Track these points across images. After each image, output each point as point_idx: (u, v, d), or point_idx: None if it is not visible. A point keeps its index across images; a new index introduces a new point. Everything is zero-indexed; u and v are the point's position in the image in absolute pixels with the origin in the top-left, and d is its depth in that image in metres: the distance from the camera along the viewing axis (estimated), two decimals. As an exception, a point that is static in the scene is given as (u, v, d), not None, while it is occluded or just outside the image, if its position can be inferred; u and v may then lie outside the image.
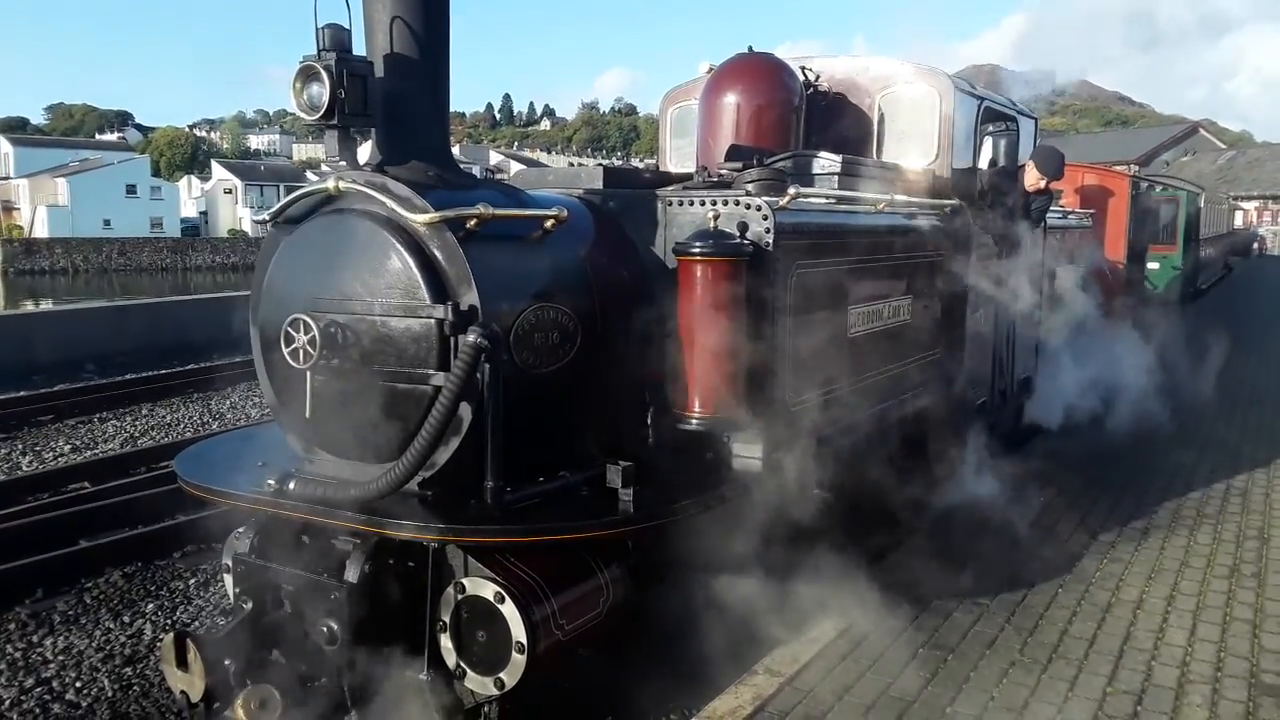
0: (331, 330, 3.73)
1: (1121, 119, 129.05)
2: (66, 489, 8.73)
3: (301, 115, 3.73)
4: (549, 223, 3.94)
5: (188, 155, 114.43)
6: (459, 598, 3.61)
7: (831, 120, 6.40)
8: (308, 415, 3.82)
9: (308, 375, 3.76)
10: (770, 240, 4.20)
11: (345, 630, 3.65)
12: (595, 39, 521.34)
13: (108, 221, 66.51)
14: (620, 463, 3.75)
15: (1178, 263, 17.47)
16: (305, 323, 3.69)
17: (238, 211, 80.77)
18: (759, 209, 4.23)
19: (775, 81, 5.83)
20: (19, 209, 70.13)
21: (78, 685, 5.35)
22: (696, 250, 4.03)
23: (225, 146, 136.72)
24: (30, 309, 30.03)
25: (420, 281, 3.63)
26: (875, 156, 6.38)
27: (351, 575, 3.67)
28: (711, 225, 4.12)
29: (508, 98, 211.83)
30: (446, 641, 3.66)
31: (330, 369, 3.76)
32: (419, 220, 3.62)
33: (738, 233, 4.15)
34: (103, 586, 6.65)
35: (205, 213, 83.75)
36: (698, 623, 4.20)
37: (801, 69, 6.25)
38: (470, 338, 3.41)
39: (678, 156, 6.88)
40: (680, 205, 4.41)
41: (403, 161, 3.85)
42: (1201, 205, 20.99)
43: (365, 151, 3.92)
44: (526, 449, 3.73)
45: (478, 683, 3.62)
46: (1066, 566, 5.59)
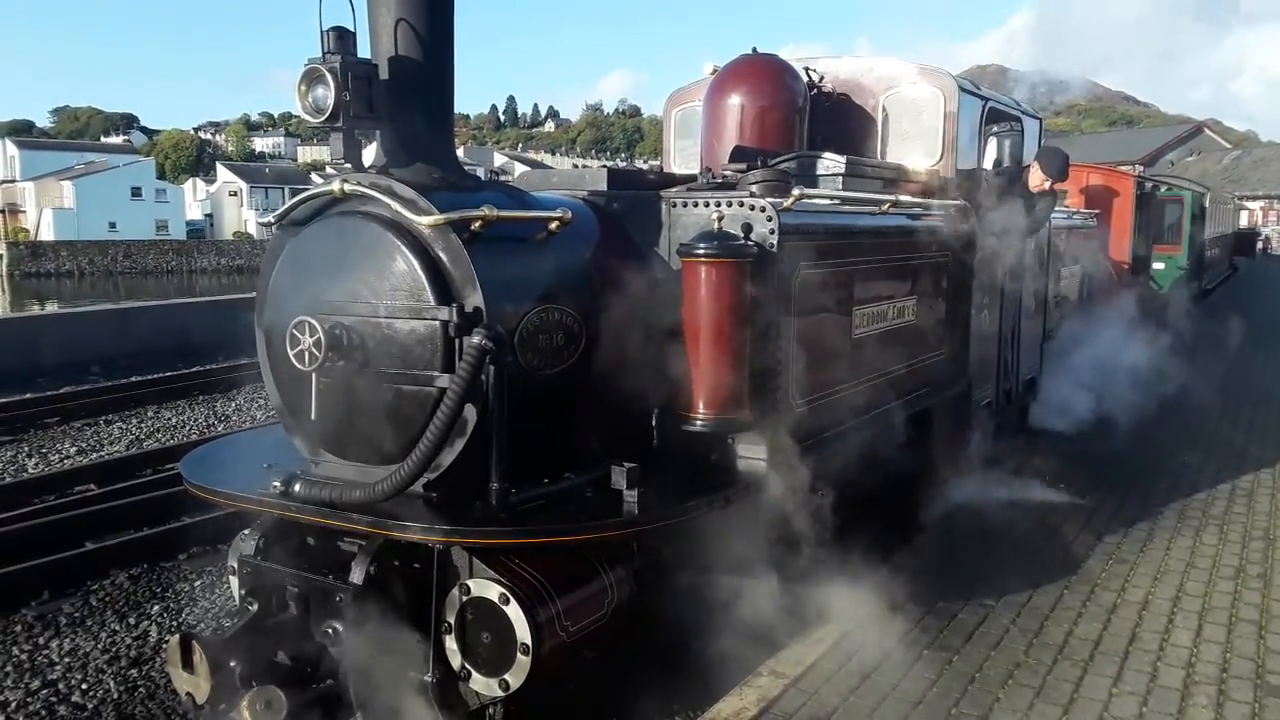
0: (337, 332, 3.73)
1: (1126, 119, 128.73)
2: (72, 491, 8.76)
3: (306, 118, 3.74)
4: (553, 224, 3.94)
5: (193, 158, 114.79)
6: (464, 599, 3.61)
7: (835, 121, 6.40)
8: (313, 417, 3.82)
9: (313, 377, 3.76)
10: (774, 241, 4.20)
11: (350, 632, 3.65)
12: (599, 41, 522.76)
13: (113, 224, 66.76)
14: (625, 464, 3.75)
15: (1183, 263, 17.43)
16: (310, 325, 3.69)
17: (243, 214, 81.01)
18: (763, 210, 4.23)
19: (779, 83, 5.82)
20: (25, 212, 70.38)
21: (83, 687, 5.36)
22: (701, 251, 4.03)
23: (230, 149, 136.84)
24: (36, 311, 30.07)
25: (425, 283, 3.64)
26: (880, 157, 6.37)
27: (357, 577, 3.68)
28: (716, 226, 4.12)
29: (512, 100, 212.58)
30: (451, 643, 3.66)
31: (335, 371, 3.77)
32: (424, 222, 3.63)
33: (742, 234, 4.15)
34: (108, 588, 6.67)
35: (210, 215, 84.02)
36: (702, 624, 4.20)
37: (805, 70, 6.25)
38: (475, 339, 3.41)
39: (682, 158, 6.88)
40: (684, 207, 4.41)
41: (407, 164, 3.85)
42: (1206, 205, 20.95)
43: (370, 154, 3.92)
44: (531, 450, 3.73)
45: (482, 684, 3.62)
46: (1071, 567, 5.57)
